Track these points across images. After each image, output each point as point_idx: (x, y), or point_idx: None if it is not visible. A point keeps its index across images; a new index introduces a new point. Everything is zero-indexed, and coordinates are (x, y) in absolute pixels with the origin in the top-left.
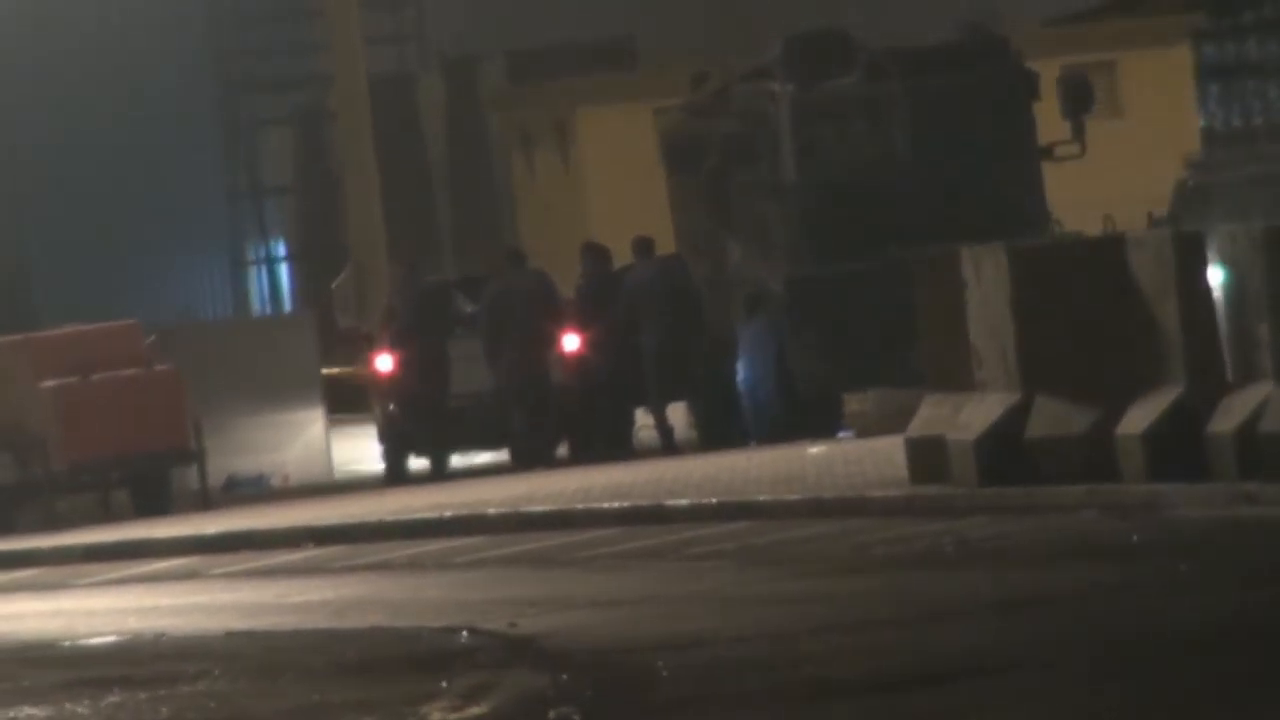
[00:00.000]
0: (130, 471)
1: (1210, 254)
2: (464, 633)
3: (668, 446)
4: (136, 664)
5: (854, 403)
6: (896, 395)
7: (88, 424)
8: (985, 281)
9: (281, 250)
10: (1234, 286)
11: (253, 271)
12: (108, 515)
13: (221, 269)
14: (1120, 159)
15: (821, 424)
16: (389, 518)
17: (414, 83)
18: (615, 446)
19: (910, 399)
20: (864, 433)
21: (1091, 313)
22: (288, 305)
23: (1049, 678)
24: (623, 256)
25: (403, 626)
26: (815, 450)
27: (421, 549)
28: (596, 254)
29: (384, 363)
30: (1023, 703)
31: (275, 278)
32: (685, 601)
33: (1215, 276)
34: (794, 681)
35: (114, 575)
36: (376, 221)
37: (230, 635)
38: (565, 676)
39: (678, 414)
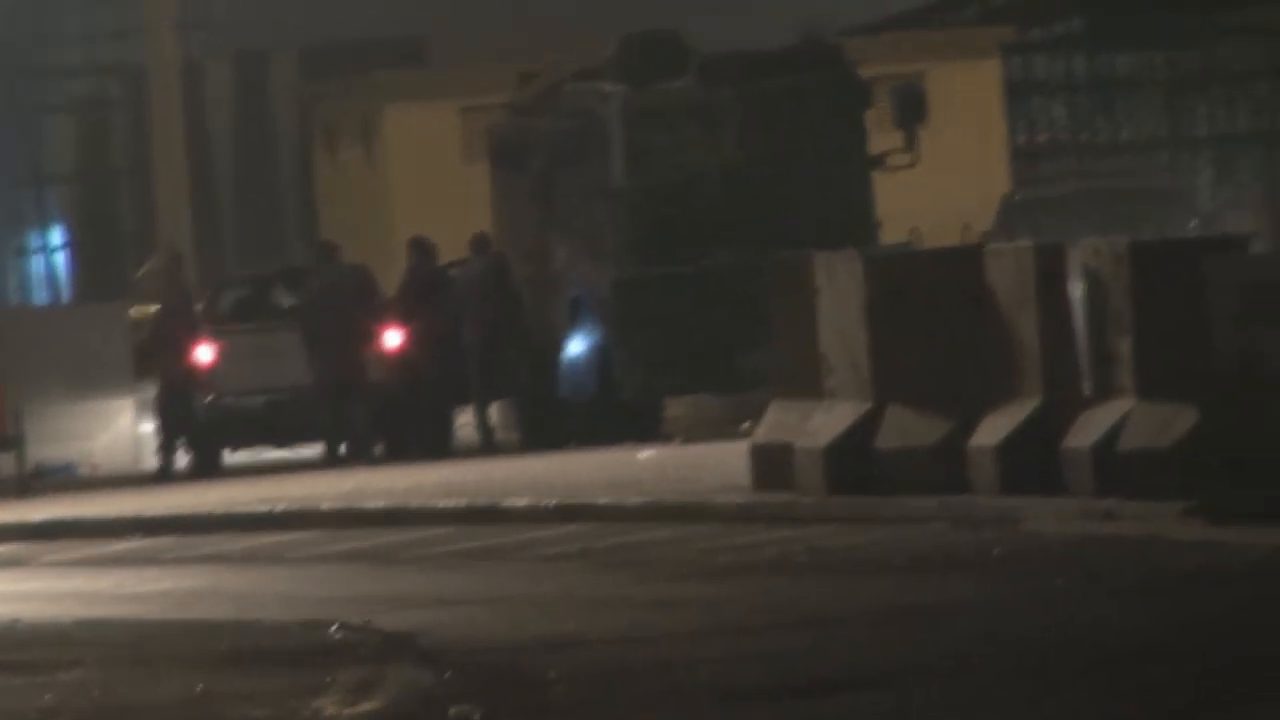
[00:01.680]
0: None
1: (1071, 266)
2: (334, 627)
3: (488, 445)
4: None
5: (675, 407)
6: (719, 402)
7: None
8: (838, 288)
9: (60, 239)
10: (1094, 300)
11: (32, 260)
12: None
13: (1, 256)
14: (927, 170)
15: (643, 428)
16: (218, 510)
17: (202, 74)
18: (435, 445)
19: (734, 406)
20: (688, 438)
21: (946, 323)
22: (65, 294)
23: (950, 688)
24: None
25: (267, 620)
26: (645, 454)
27: (254, 542)
28: (423, 249)
29: (203, 353)
30: (930, 713)
31: (53, 266)
32: (542, 602)
33: (1075, 289)
34: (697, 685)
35: None
36: (184, 210)
37: (85, 624)
38: (449, 674)
39: (495, 413)
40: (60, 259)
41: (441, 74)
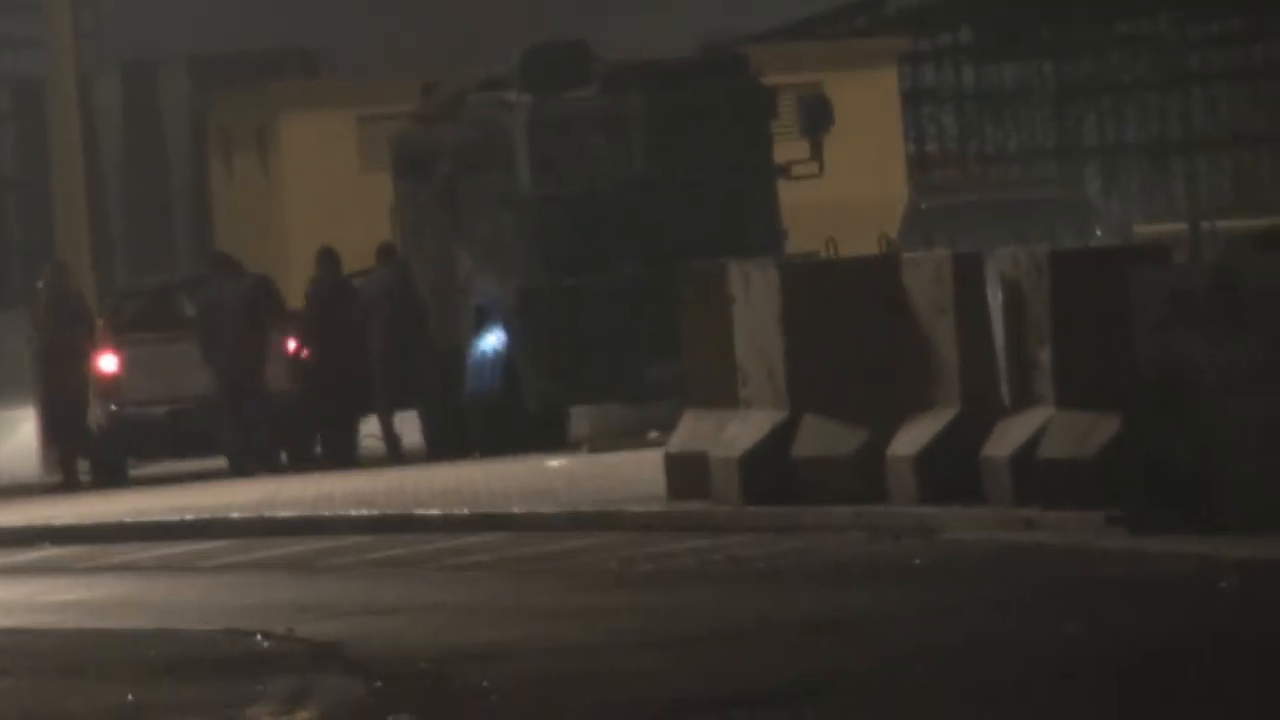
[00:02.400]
0: None
1: (989, 275)
2: (258, 636)
3: (394, 454)
4: None
5: (580, 418)
6: (625, 412)
7: None
8: (754, 297)
9: None
10: (1013, 309)
11: None
12: None
13: None
14: (825, 179)
15: (548, 437)
16: (128, 519)
17: (90, 84)
18: (339, 453)
19: (638, 416)
20: (594, 448)
21: (864, 332)
22: None
23: (887, 699)
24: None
25: (188, 629)
26: (555, 463)
27: (165, 551)
28: (331, 260)
29: (107, 363)
30: None
31: None
32: (465, 612)
33: (994, 298)
34: (638, 698)
35: None
36: (82, 221)
37: (5, 632)
38: (380, 684)
39: (410, 424)
40: None
41: (338, 83)
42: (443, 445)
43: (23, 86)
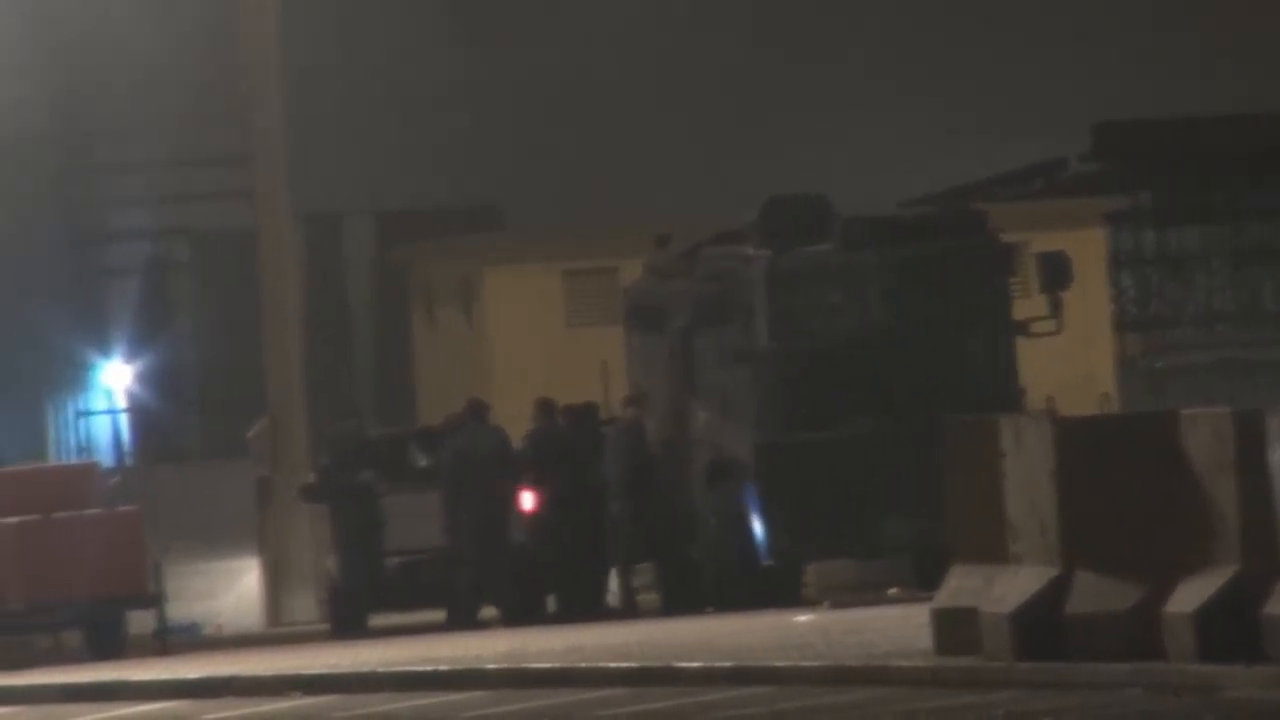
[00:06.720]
0: (87, 612)
1: (1270, 431)
2: None
3: (630, 608)
4: None
5: (815, 573)
6: (856, 568)
7: (48, 563)
8: (1026, 451)
9: (122, 402)
10: None
11: (97, 422)
12: (60, 656)
13: (67, 418)
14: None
15: (782, 593)
16: (379, 669)
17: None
18: (586, 605)
19: (869, 572)
20: (836, 603)
21: (1139, 488)
22: (129, 456)
23: None
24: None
25: None
26: (802, 618)
27: (421, 702)
28: (548, 411)
29: None
30: None
31: (118, 428)
32: None
33: (1275, 454)
34: None
35: (100, 716)
36: (294, 372)
37: None
38: None
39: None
40: (123, 421)
41: (541, 237)
42: (677, 600)
43: (201, 239)
